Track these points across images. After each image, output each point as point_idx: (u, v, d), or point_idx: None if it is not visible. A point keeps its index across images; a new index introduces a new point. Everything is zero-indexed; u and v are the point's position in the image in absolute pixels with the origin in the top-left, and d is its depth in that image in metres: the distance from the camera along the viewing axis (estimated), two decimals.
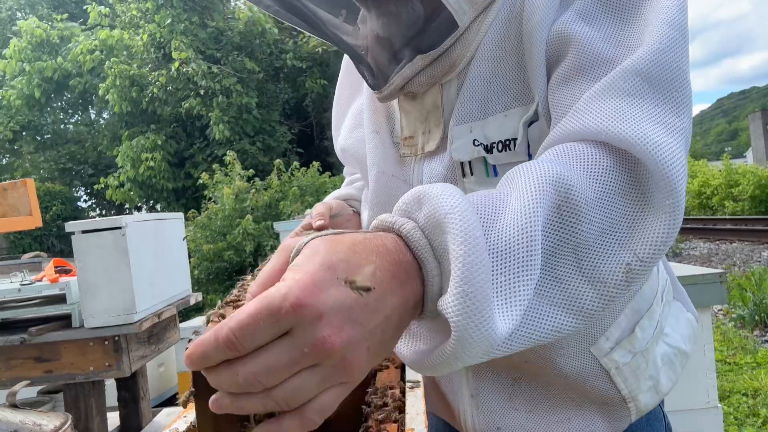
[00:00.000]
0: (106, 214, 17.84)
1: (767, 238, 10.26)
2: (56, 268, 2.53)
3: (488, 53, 0.73)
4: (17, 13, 19.57)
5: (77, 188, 18.40)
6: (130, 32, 14.14)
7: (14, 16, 19.28)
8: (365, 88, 0.91)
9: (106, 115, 17.12)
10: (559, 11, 0.67)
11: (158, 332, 2.52)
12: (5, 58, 15.14)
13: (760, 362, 4.26)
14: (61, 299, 2.25)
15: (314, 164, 9.19)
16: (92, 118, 18.36)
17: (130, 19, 14.17)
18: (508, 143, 0.72)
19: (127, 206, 14.80)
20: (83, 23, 16.10)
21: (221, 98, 12.78)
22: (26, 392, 2.64)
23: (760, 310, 5.24)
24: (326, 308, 0.41)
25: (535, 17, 0.67)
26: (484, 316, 0.44)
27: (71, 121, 18.56)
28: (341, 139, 1.03)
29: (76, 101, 17.64)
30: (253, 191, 8.32)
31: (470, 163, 0.76)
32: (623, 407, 0.78)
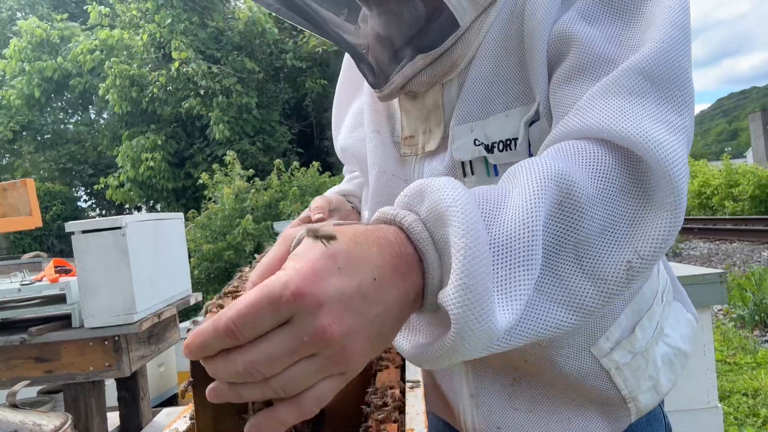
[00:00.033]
0: (106, 214, 17.84)
1: (767, 238, 10.26)
2: (56, 268, 2.53)
3: (489, 53, 0.73)
4: (17, 13, 19.56)
5: (77, 188, 18.39)
6: (130, 32, 14.13)
7: (14, 16, 19.28)
8: (366, 87, 0.91)
9: (106, 115, 17.11)
10: (560, 11, 0.67)
11: (158, 332, 2.52)
12: (5, 57, 15.14)
13: (760, 362, 4.26)
14: (61, 299, 2.24)
15: (314, 164, 9.18)
16: (92, 118, 18.36)
17: (130, 19, 14.17)
18: (509, 143, 0.72)
19: (127, 206, 14.80)
20: (83, 23, 16.10)
21: (221, 98, 12.78)
22: (26, 392, 2.64)
23: (760, 310, 5.24)
24: (327, 297, 0.41)
25: (536, 17, 0.67)
26: (484, 308, 0.44)
27: (71, 121, 18.56)
28: (342, 138, 1.03)
29: (76, 101, 17.63)
30: (253, 191, 8.32)
31: (471, 162, 0.76)
32: (623, 407, 0.78)
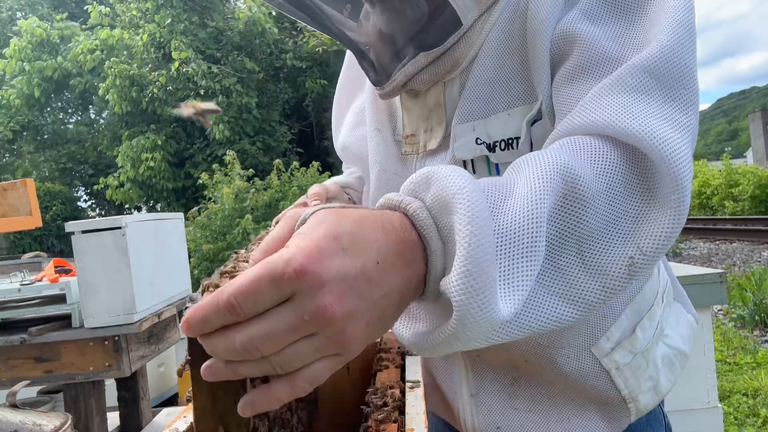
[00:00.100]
0: (105, 214, 17.83)
1: (767, 238, 10.25)
2: (56, 268, 2.53)
3: (492, 52, 0.73)
4: (17, 12, 19.56)
5: (77, 188, 18.39)
6: (130, 32, 14.13)
7: (14, 15, 19.27)
8: (368, 85, 0.91)
9: (106, 115, 17.11)
10: (563, 10, 0.67)
11: (158, 332, 2.52)
12: (5, 57, 15.13)
13: (760, 362, 4.26)
14: (61, 299, 2.24)
15: (314, 164, 9.18)
16: (92, 118, 18.35)
17: (130, 19, 14.17)
18: (510, 142, 0.72)
19: (127, 206, 14.80)
20: (83, 23, 16.09)
21: (221, 98, 12.77)
22: (26, 392, 2.64)
23: (760, 310, 5.24)
24: (329, 277, 0.41)
25: (539, 16, 0.67)
26: (487, 296, 0.44)
27: (71, 121, 18.55)
28: (342, 136, 1.02)
29: (76, 101, 17.63)
30: (252, 191, 8.32)
31: (473, 161, 0.76)
32: (623, 407, 0.78)
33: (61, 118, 18.22)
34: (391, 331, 0.58)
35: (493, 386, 0.82)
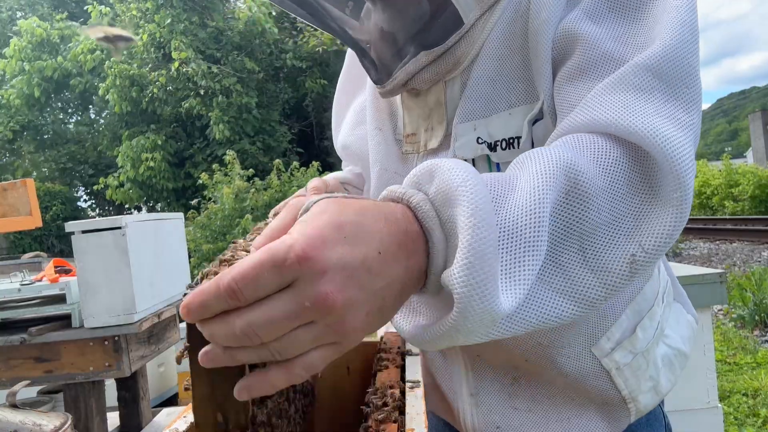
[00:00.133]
0: (105, 214, 17.84)
1: (767, 238, 10.25)
2: (56, 268, 2.53)
3: (493, 51, 0.73)
4: (17, 12, 19.55)
5: (77, 188, 18.39)
6: (130, 32, 14.11)
7: (14, 15, 19.27)
8: (369, 84, 0.91)
9: (106, 115, 17.11)
10: (565, 10, 0.67)
11: (158, 332, 2.52)
12: (5, 57, 15.13)
13: (760, 362, 4.26)
14: (61, 299, 2.24)
15: (314, 164, 9.18)
16: (92, 118, 18.35)
17: (130, 19, 14.16)
18: (512, 141, 0.72)
19: (127, 206, 14.80)
20: (83, 23, 16.09)
21: (221, 98, 12.77)
22: (26, 392, 2.64)
23: (760, 310, 5.24)
24: (331, 264, 0.41)
25: (541, 15, 0.67)
26: (488, 289, 0.44)
27: (71, 121, 18.55)
28: (343, 135, 1.02)
29: (76, 101, 17.64)
30: (252, 191, 8.32)
31: (474, 161, 0.76)
32: (623, 407, 0.78)
33: (61, 118, 18.22)
34: (391, 323, 0.58)
35: (493, 386, 0.82)
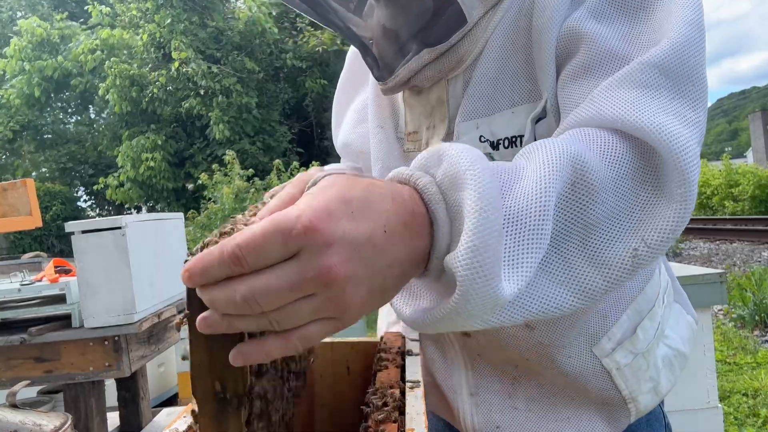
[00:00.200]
0: (105, 214, 17.84)
1: (767, 238, 10.25)
2: (56, 268, 2.53)
3: (496, 50, 0.73)
4: (17, 12, 19.55)
5: (77, 188, 18.40)
6: (130, 32, 14.13)
7: (15, 15, 19.27)
8: (371, 82, 0.91)
9: (106, 114, 17.11)
10: (569, 9, 0.67)
11: (158, 332, 2.52)
12: (6, 57, 15.14)
13: (760, 362, 4.25)
14: (61, 299, 2.24)
15: (314, 164, 9.17)
16: (92, 118, 18.36)
17: (130, 19, 14.17)
18: (514, 140, 0.72)
19: (127, 206, 14.80)
20: (84, 23, 16.09)
21: (221, 98, 12.78)
22: (26, 392, 2.64)
23: (760, 310, 5.24)
24: (336, 237, 0.41)
25: (545, 14, 0.67)
26: (491, 272, 0.44)
27: (71, 120, 18.56)
28: (343, 134, 1.02)
29: (76, 101, 17.64)
30: (252, 191, 8.33)
31: None
32: (623, 408, 0.78)
33: (61, 117, 18.23)
34: (390, 306, 0.58)
35: (492, 385, 0.82)
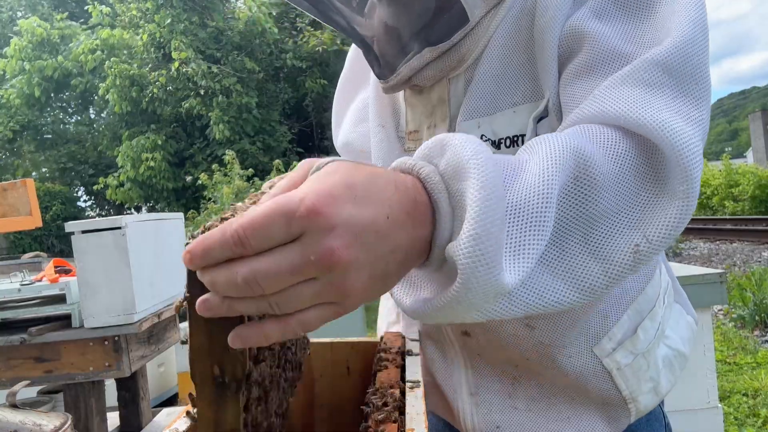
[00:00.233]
0: (105, 214, 17.84)
1: (767, 238, 10.25)
2: (56, 268, 2.53)
3: (498, 49, 0.73)
4: (18, 12, 19.55)
5: (77, 188, 18.40)
6: (130, 32, 14.13)
7: (15, 15, 19.27)
8: (372, 81, 0.91)
9: (105, 114, 17.11)
10: (572, 8, 0.68)
11: (158, 332, 2.52)
12: (6, 57, 15.14)
13: (760, 362, 4.25)
14: (61, 299, 2.24)
15: None
16: (92, 117, 18.36)
17: (130, 19, 14.17)
18: (516, 139, 0.72)
19: (127, 206, 14.80)
20: (84, 23, 16.09)
21: (221, 98, 12.77)
22: (26, 392, 2.64)
23: (760, 310, 5.24)
24: (340, 221, 0.41)
25: (548, 13, 0.67)
26: (493, 260, 0.44)
27: (71, 120, 18.56)
28: (344, 133, 1.02)
29: (76, 101, 17.64)
30: (252, 191, 8.33)
31: None
32: (623, 408, 0.78)
33: (61, 117, 18.22)
34: (390, 296, 0.58)
35: (493, 385, 0.82)
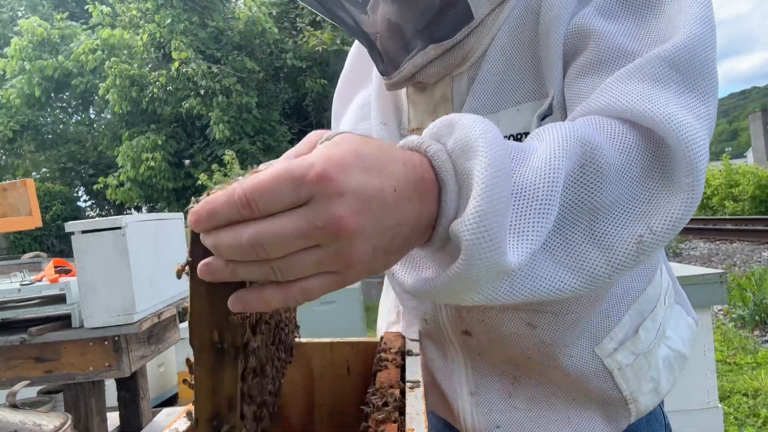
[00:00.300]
0: (105, 214, 17.84)
1: (767, 238, 10.25)
2: (56, 268, 2.53)
3: (503, 47, 0.73)
4: (18, 12, 19.55)
5: (77, 188, 18.39)
6: (130, 32, 14.13)
7: (15, 16, 19.27)
8: (375, 79, 0.90)
9: (106, 114, 17.11)
10: (577, 7, 0.68)
11: (158, 332, 2.52)
12: (6, 56, 15.14)
13: (760, 362, 4.25)
14: (61, 299, 2.24)
15: None
16: (92, 117, 18.36)
17: (130, 19, 14.17)
18: (519, 137, 0.72)
19: (127, 206, 14.80)
20: (84, 23, 16.09)
21: (221, 98, 12.78)
22: (26, 392, 2.64)
23: (760, 310, 5.24)
24: (349, 188, 0.41)
25: (553, 11, 0.68)
26: (497, 237, 0.45)
27: (71, 120, 18.56)
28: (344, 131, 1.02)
29: (76, 101, 17.64)
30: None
31: None
32: (624, 408, 0.78)
33: (61, 117, 18.22)
34: (392, 273, 0.57)
35: (493, 385, 0.82)
